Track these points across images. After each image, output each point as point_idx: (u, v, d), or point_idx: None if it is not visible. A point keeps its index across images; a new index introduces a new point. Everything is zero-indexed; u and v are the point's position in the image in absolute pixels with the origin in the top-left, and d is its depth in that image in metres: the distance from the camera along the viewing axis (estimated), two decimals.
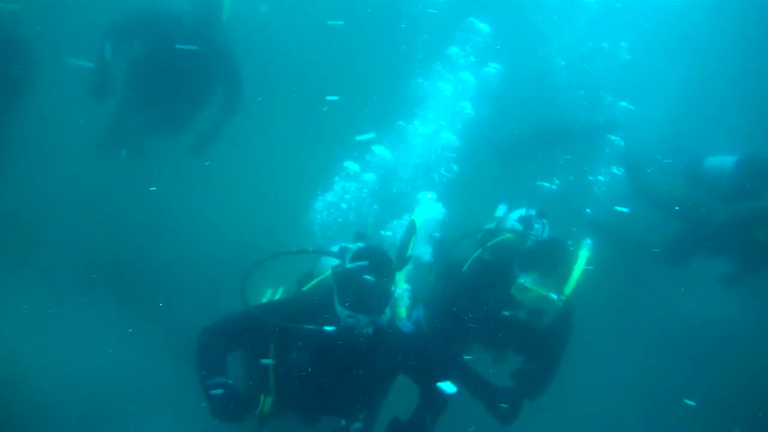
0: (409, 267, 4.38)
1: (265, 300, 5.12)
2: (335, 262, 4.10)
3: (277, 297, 5.13)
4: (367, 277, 3.81)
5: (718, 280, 6.74)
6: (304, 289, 4.50)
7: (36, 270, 6.22)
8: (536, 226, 4.94)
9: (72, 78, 6.39)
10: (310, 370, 3.93)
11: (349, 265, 3.89)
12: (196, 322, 3.96)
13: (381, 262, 3.90)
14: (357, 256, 3.92)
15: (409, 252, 4.29)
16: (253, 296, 4.13)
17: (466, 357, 4.72)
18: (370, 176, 6.07)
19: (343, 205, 5.88)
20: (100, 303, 6.08)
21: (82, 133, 7.10)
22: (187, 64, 6.46)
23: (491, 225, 5.43)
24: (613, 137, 7.76)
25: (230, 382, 3.70)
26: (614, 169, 7.82)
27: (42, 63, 6.43)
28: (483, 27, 7.44)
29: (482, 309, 4.60)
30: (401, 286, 4.26)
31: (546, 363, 4.75)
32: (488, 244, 4.97)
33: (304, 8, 8.55)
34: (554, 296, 4.33)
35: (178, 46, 6.26)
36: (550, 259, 4.39)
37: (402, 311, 4.29)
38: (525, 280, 4.36)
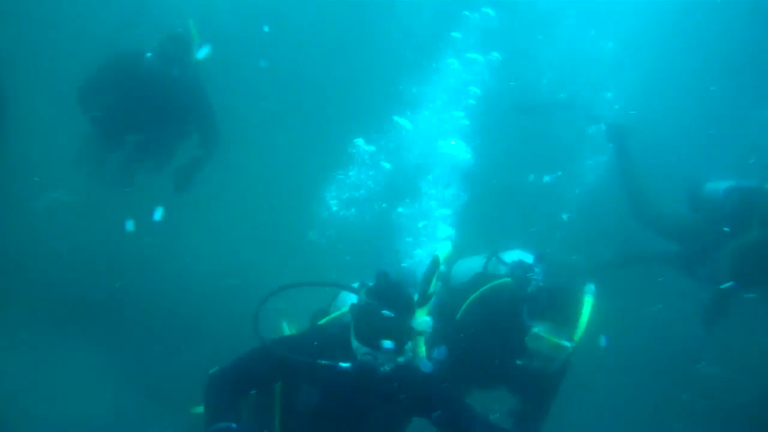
0: (430, 304, 4.18)
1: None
2: (354, 298, 3.89)
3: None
4: (386, 312, 3.61)
5: (701, 323, 6.83)
6: (320, 323, 4.28)
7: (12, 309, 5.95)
8: (536, 270, 4.80)
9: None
10: (319, 407, 3.72)
11: (367, 299, 3.68)
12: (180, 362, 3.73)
13: (400, 297, 3.72)
14: (375, 290, 3.73)
15: (432, 288, 4.10)
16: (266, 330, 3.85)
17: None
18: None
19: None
20: (76, 342, 5.90)
21: (63, 169, 6.99)
22: (157, 103, 6.39)
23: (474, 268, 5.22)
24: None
25: (234, 425, 3.45)
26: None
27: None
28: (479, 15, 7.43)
29: (493, 359, 4.51)
30: (422, 324, 4.05)
31: (545, 401, 4.72)
32: (483, 289, 4.78)
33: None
34: (567, 344, 4.28)
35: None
36: (562, 307, 4.34)
37: (422, 350, 4.10)
38: (539, 330, 4.30)
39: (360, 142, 5.99)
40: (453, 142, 5.91)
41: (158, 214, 6.38)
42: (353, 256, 5.75)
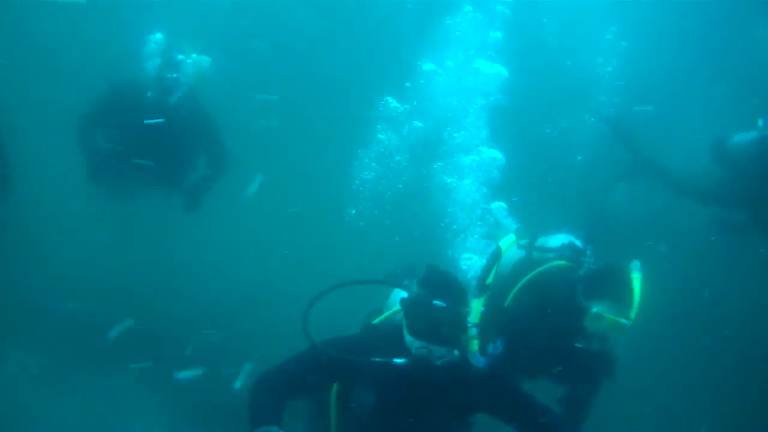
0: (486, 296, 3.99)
1: None
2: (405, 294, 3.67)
3: None
4: (437, 302, 3.44)
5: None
6: (373, 322, 4.08)
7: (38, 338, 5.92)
8: (587, 252, 4.66)
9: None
10: (376, 408, 3.56)
11: (417, 291, 3.51)
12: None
13: (452, 287, 3.54)
14: (425, 281, 3.56)
15: (490, 279, 3.89)
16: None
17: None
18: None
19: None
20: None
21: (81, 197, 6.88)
22: (161, 134, 6.30)
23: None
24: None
25: (279, 431, 3.28)
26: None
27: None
28: None
29: (548, 344, 4.37)
30: (477, 316, 3.88)
31: (596, 387, 4.62)
32: (533, 273, 4.58)
33: None
34: (627, 322, 4.16)
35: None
36: (617, 286, 4.22)
37: (474, 344, 3.94)
38: (599, 309, 4.17)
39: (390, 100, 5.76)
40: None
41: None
42: (391, 219, 5.59)
